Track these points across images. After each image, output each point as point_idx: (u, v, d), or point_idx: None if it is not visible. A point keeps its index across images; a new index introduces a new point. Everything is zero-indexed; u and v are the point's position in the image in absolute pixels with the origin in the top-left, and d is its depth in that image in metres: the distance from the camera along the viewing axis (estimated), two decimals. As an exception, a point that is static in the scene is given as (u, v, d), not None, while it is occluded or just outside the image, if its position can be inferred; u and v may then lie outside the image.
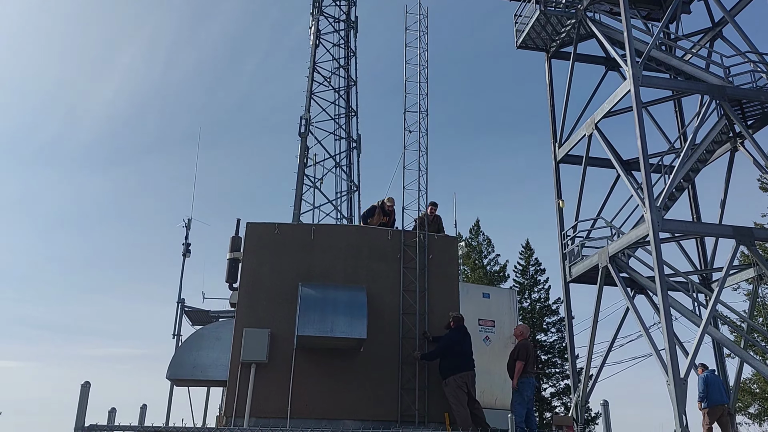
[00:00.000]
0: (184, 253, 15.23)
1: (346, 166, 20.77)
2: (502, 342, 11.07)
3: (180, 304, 14.26)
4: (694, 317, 13.94)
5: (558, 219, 17.55)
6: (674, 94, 18.05)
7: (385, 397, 9.07)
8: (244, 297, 9.37)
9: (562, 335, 34.22)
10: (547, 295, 34.76)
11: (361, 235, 10.09)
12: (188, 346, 10.56)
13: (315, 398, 8.86)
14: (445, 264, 10.03)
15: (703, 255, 17.58)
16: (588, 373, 15.57)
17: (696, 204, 18.13)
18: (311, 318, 8.72)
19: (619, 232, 15.40)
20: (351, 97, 21.23)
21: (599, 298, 15.45)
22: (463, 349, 8.98)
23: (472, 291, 11.49)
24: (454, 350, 8.93)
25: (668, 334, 12.52)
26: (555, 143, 18.21)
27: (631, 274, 15.14)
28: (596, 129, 16.08)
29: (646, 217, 13.52)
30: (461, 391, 8.70)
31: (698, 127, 15.30)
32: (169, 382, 11.49)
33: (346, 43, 21.44)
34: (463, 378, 8.76)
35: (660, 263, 13.00)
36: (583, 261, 16.09)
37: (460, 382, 8.72)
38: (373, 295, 9.44)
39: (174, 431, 4.20)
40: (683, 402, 11.96)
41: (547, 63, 19.15)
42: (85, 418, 4.08)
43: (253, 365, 8.83)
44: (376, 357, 9.26)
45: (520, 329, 9.83)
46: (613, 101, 15.58)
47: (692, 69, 15.80)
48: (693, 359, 12.69)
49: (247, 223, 9.85)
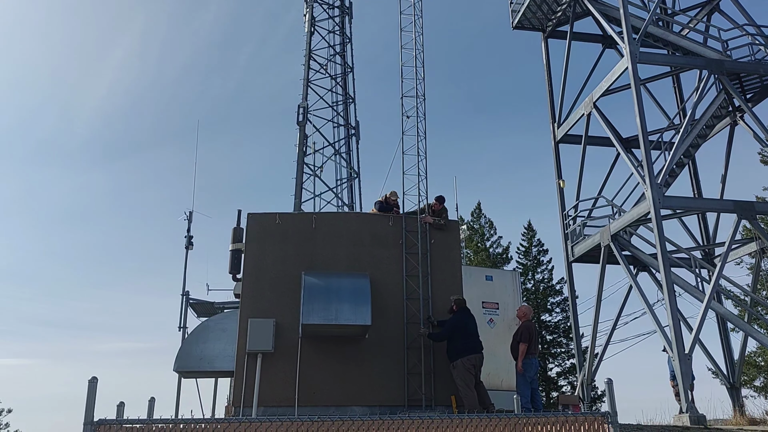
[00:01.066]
0: (187, 246, 15.23)
1: (346, 153, 20.74)
2: (506, 324, 11.12)
3: (185, 297, 14.29)
4: (697, 293, 13.99)
5: (559, 199, 17.55)
6: (672, 70, 17.95)
7: (392, 382, 9.14)
8: (248, 287, 9.41)
9: (567, 315, 34.33)
10: (551, 276, 34.84)
11: (363, 223, 10.10)
12: (194, 338, 10.62)
13: (322, 386, 8.93)
14: (448, 248, 10.05)
15: (705, 231, 17.58)
16: (593, 351, 15.65)
17: (697, 180, 18.10)
18: (315, 306, 8.76)
19: (620, 211, 15.41)
20: (348, 83, 21.16)
21: (602, 277, 15.49)
22: (469, 331, 9.04)
23: (475, 274, 11.52)
24: (460, 332, 8.99)
25: (672, 311, 12.56)
26: (554, 123, 18.16)
27: (633, 252, 15.17)
28: (595, 107, 16.02)
29: (647, 194, 13.51)
30: (469, 374, 8.77)
31: (697, 102, 15.24)
32: (177, 374, 11.57)
33: (341, 30, 21.32)
34: (471, 360, 8.84)
35: (662, 240, 13.01)
36: (585, 240, 16.11)
37: (468, 365, 8.80)
38: (377, 281, 9.47)
39: (184, 422, 4.24)
40: (688, 377, 12.03)
41: (543, 43, 19.04)
42: (94, 412, 4.12)
43: (259, 355, 8.89)
44: (381, 343, 9.31)
45: (523, 310, 9.87)
46: (611, 79, 15.50)
47: (690, 44, 15.70)
48: (697, 334, 12.75)
49: (248, 213, 9.87)
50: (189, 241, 15.37)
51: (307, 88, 19.79)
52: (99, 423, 4.12)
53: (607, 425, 4.45)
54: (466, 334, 9.00)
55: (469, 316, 9.22)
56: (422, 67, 11.27)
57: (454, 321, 9.12)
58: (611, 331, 15.50)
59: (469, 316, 9.21)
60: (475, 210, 36.87)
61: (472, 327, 9.14)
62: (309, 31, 20.51)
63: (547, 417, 4.54)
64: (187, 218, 15.61)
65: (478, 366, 8.96)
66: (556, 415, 4.52)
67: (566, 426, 4.48)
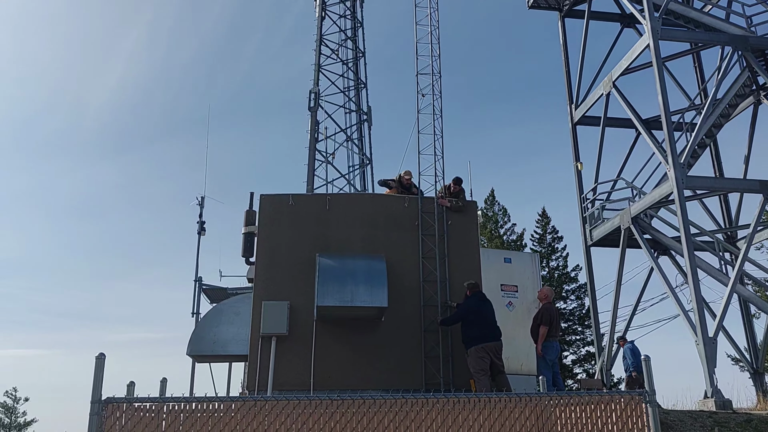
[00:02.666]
0: (199, 231, 15.07)
1: (358, 139, 20.50)
2: (526, 307, 10.83)
3: (197, 283, 14.15)
4: (721, 276, 13.62)
5: (577, 182, 17.18)
6: (693, 48, 17.45)
7: (409, 366, 8.90)
8: (262, 270, 9.19)
9: (582, 302, 33.99)
10: (566, 263, 34.46)
11: (378, 204, 9.84)
12: (207, 321, 10.44)
13: (337, 370, 8.71)
14: (465, 229, 9.77)
15: (727, 213, 17.14)
16: (612, 337, 15.33)
17: (719, 161, 17.63)
18: (330, 288, 8.54)
19: (640, 193, 15.02)
20: (359, 68, 20.87)
21: (622, 260, 15.14)
22: (482, 318, 8.63)
23: (493, 256, 11.23)
24: (471, 318, 8.62)
25: (696, 294, 12.21)
26: (571, 105, 17.74)
27: (654, 235, 14.80)
28: (614, 87, 15.60)
29: (670, 174, 13.12)
30: (482, 361, 8.42)
31: (720, 81, 14.76)
32: (191, 359, 11.42)
33: (353, 14, 21.00)
34: (486, 349, 8.46)
35: (685, 222, 12.64)
36: (604, 224, 15.75)
37: (482, 353, 8.43)
38: (393, 263, 9.22)
39: (196, 401, 4.02)
40: (713, 362, 11.70)
41: (560, 22, 18.59)
42: (102, 391, 3.91)
43: (273, 338, 8.69)
44: (398, 326, 9.07)
45: (544, 292, 9.58)
46: (631, 57, 15.07)
47: (712, 20, 15.21)
48: (722, 318, 12.41)
49: (261, 195, 9.64)
50: (201, 227, 15.21)
51: (318, 74, 19.51)
52: (107, 401, 3.91)
53: (644, 405, 4.18)
54: (480, 320, 8.60)
55: (483, 301, 8.84)
56: (438, 44, 10.96)
57: (464, 306, 8.79)
58: (631, 315, 15.19)
59: (483, 302, 8.83)
60: (489, 197, 36.46)
61: (487, 313, 8.73)
62: (320, 16, 20.20)
63: (581, 396, 4.26)
64: (199, 203, 15.47)
65: (496, 354, 8.53)
66: (591, 394, 4.26)
67: (601, 406, 4.21)
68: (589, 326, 33.35)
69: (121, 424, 3.86)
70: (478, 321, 8.61)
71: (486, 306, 8.81)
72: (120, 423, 3.85)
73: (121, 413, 3.94)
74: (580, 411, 4.20)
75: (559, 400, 4.31)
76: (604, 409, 4.17)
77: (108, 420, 3.84)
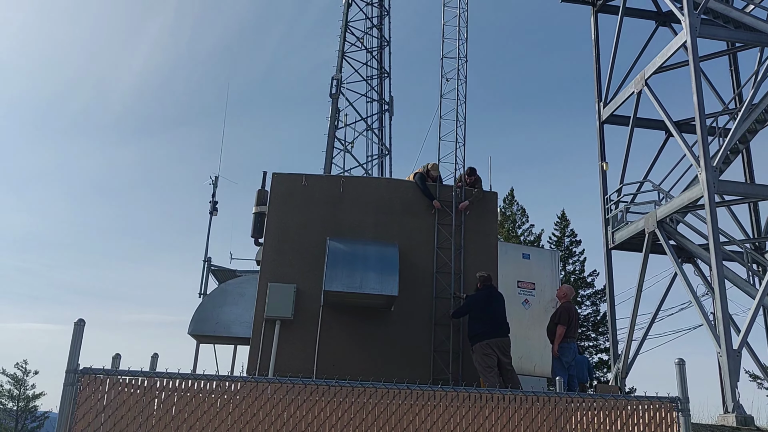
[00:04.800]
0: (211, 211, 14.80)
1: (378, 129, 20.16)
2: (543, 306, 10.36)
3: (206, 263, 13.87)
4: (748, 287, 13.03)
5: (601, 183, 16.64)
6: (729, 48, 16.78)
7: (417, 358, 8.51)
8: (270, 251, 8.86)
9: (597, 308, 33.35)
10: (582, 267, 33.81)
11: (393, 189, 9.44)
12: (211, 301, 10.13)
13: (342, 358, 8.35)
14: (483, 220, 9.33)
15: (756, 222, 16.48)
16: (629, 344, 14.81)
17: (750, 168, 16.96)
18: (339, 273, 8.17)
19: (667, 196, 14.45)
20: (384, 57, 20.51)
21: (644, 266, 14.59)
22: (489, 312, 8.14)
23: (511, 251, 10.76)
24: (478, 312, 8.16)
25: (722, 304, 11.66)
26: (600, 103, 17.18)
27: (679, 241, 14.22)
28: (646, 85, 15.01)
29: (701, 177, 12.55)
30: (489, 358, 7.95)
31: (758, 84, 14.12)
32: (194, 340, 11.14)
33: (380, 2, 20.63)
34: (491, 345, 7.97)
35: (715, 228, 12.08)
36: (627, 226, 15.19)
37: (487, 350, 7.95)
38: (406, 252, 8.83)
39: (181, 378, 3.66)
40: (736, 375, 11.15)
41: (593, 17, 18.01)
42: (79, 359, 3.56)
43: (277, 322, 8.35)
44: (408, 317, 8.68)
45: (563, 290, 9.13)
46: (666, 54, 14.47)
47: (754, 21, 14.55)
48: (748, 330, 11.84)
49: (273, 173, 9.30)
50: (213, 207, 14.94)
51: (341, 60, 19.17)
52: (84, 372, 3.56)
53: (676, 413, 3.74)
54: (488, 315, 8.11)
55: (494, 295, 8.34)
56: (465, 27, 10.50)
57: (472, 298, 8.33)
58: (650, 323, 14.63)
59: (494, 296, 8.32)
60: (508, 196, 35.88)
61: (497, 307, 8.24)
62: (347, 2, 19.86)
63: (605, 399, 3.83)
64: (212, 183, 15.20)
65: (503, 350, 8.05)
66: (616, 397, 3.83)
67: (627, 411, 3.79)
68: (603, 333, 32.69)
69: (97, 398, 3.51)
70: (485, 316, 8.12)
71: (496, 301, 8.31)
72: (96, 397, 3.50)
73: (98, 386, 3.59)
74: (604, 416, 3.77)
75: (581, 403, 3.89)
76: (630, 414, 3.75)
77: (83, 392, 3.49)
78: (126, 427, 3.56)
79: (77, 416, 3.44)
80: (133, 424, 3.56)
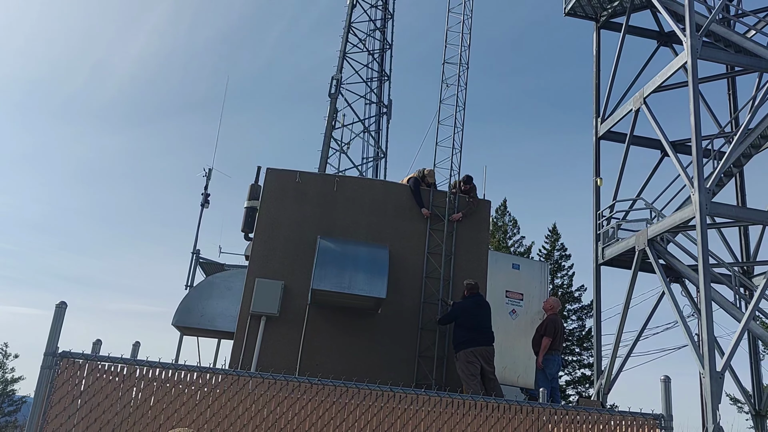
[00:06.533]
0: (203, 203, 14.66)
1: (375, 131, 20.12)
2: (530, 317, 10.35)
3: (195, 255, 13.74)
4: (734, 310, 13.06)
5: (594, 198, 16.66)
6: (728, 72, 16.89)
7: (401, 362, 8.48)
8: (259, 246, 8.80)
9: (583, 323, 33.43)
10: (570, 282, 33.89)
11: (388, 191, 9.42)
12: (198, 293, 10.05)
13: (326, 358, 8.30)
14: (475, 228, 9.32)
15: (746, 246, 16.56)
16: (613, 360, 14.81)
17: (743, 192, 17.03)
18: (328, 272, 8.12)
19: (659, 215, 14.49)
20: (385, 60, 20.48)
21: (632, 283, 14.61)
22: (475, 321, 8.14)
23: (501, 260, 10.75)
24: (463, 320, 8.14)
25: (707, 326, 11.68)
26: (597, 118, 17.22)
27: (668, 261, 14.25)
28: (644, 104, 15.07)
29: (694, 198, 12.59)
30: (473, 366, 7.95)
31: (756, 109, 14.20)
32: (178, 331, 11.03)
33: (384, 5, 20.60)
34: (475, 353, 7.98)
35: (705, 249, 12.11)
36: (618, 243, 15.22)
37: (472, 358, 7.96)
38: (396, 255, 8.81)
39: (161, 367, 3.59)
40: (718, 397, 11.17)
41: (595, 33, 18.07)
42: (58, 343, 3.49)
43: (263, 318, 8.29)
44: (395, 320, 8.65)
45: (550, 302, 9.11)
46: (666, 74, 14.53)
47: (755, 46, 14.63)
48: (732, 353, 11.87)
49: (267, 168, 9.25)
50: (205, 199, 14.81)
51: (342, 60, 19.12)
52: (63, 355, 3.49)
53: (659, 430, 3.71)
54: (474, 323, 8.11)
55: (480, 304, 8.34)
56: (469, 34, 10.51)
57: (459, 306, 8.31)
58: (635, 341, 14.64)
59: (480, 304, 8.33)
60: (500, 206, 35.95)
61: (482, 316, 8.24)
62: (351, 3, 19.84)
63: (588, 413, 3.81)
64: (205, 175, 15.07)
65: (487, 359, 8.06)
66: (600, 412, 3.80)
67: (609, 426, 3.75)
68: (588, 348, 32.74)
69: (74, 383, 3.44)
70: (470, 324, 8.11)
71: (482, 309, 8.31)
72: (73, 382, 3.44)
73: (77, 370, 3.52)
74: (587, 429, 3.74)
75: (564, 416, 3.86)
76: (614, 430, 3.72)
77: (60, 376, 3.43)
78: (102, 414, 3.49)
79: (53, 400, 3.38)
80: (110, 411, 3.49)
